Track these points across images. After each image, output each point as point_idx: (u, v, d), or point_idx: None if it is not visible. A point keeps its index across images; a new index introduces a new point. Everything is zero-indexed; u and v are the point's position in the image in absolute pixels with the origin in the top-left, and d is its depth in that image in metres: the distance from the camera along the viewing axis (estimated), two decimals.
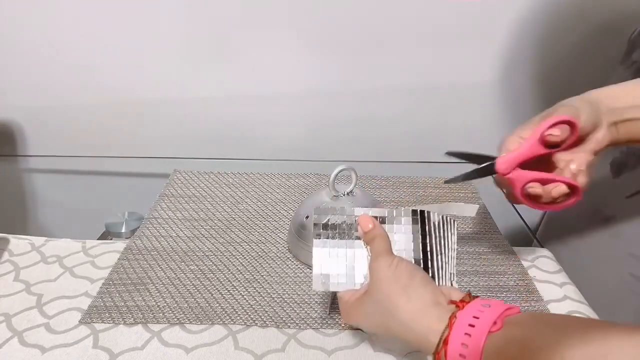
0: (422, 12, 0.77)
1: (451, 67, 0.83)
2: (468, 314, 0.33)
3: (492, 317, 0.32)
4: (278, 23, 0.78)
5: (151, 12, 0.77)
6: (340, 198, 0.56)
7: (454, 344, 0.32)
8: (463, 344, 0.32)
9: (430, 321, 0.35)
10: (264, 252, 0.60)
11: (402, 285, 0.38)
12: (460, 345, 0.32)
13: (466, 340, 0.32)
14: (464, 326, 0.33)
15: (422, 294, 0.37)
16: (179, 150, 0.90)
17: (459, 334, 0.32)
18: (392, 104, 0.86)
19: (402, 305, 0.37)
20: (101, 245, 0.61)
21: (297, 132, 0.88)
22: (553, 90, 0.84)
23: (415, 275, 0.39)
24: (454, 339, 0.33)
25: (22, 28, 0.78)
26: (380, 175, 0.79)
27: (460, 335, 0.32)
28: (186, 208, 0.69)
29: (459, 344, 0.32)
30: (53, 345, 0.46)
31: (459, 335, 0.32)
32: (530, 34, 0.81)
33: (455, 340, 0.32)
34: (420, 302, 0.37)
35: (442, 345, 0.33)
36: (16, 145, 0.91)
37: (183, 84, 0.84)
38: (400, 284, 0.38)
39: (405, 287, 0.38)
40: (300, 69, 0.82)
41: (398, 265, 0.40)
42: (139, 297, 0.52)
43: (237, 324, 0.49)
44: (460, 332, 0.32)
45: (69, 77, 0.83)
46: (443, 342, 0.33)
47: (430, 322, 0.35)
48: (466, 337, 0.32)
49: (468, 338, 0.32)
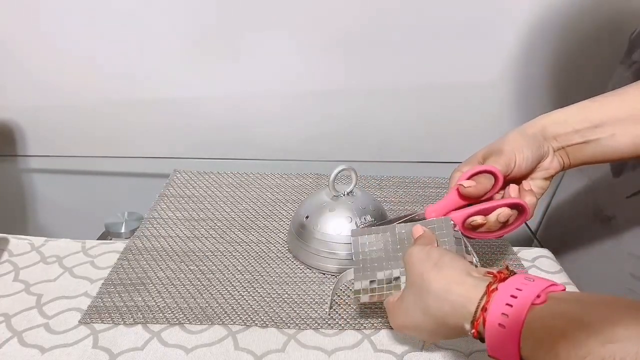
0: (422, 12, 0.77)
1: (451, 67, 0.83)
2: (510, 285, 0.32)
3: (536, 290, 0.31)
4: (278, 23, 0.78)
5: (151, 12, 0.76)
6: (340, 198, 0.56)
7: (493, 313, 0.31)
8: (503, 313, 0.31)
9: (466, 289, 0.34)
10: (263, 252, 0.60)
11: (434, 262, 0.38)
12: (500, 315, 0.31)
13: (507, 310, 0.31)
14: (506, 296, 0.31)
15: (455, 265, 0.37)
16: (178, 150, 0.89)
17: (500, 304, 0.31)
18: (392, 104, 0.86)
19: (434, 277, 0.36)
20: (101, 246, 0.61)
21: (297, 132, 0.88)
22: (553, 90, 0.84)
23: (446, 254, 0.39)
24: (494, 307, 0.31)
25: (22, 28, 0.78)
26: (380, 175, 0.79)
27: (501, 305, 0.31)
28: (186, 208, 0.69)
29: (499, 314, 0.31)
30: (53, 345, 0.46)
31: (499, 305, 0.31)
32: (530, 34, 0.81)
33: (496, 309, 0.31)
34: (453, 272, 0.36)
35: (480, 313, 0.32)
36: (16, 145, 0.91)
37: (183, 84, 0.84)
38: (432, 262, 0.38)
39: (437, 262, 0.37)
40: (300, 69, 0.82)
41: (431, 248, 0.40)
42: (138, 297, 0.52)
43: (236, 324, 0.49)
44: (501, 302, 0.31)
45: (69, 77, 0.83)
46: (482, 310, 0.32)
47: (466, 291, 0.34)
48: (507, 308, 0.31)
49: (509, 308, 0.31)
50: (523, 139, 0.46)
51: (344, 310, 0.51)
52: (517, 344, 0.30)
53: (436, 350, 0.46)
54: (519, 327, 0.30)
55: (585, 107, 0.48)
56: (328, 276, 0.56)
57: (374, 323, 0.49)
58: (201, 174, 0.78)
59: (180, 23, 0.78)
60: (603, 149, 0.47)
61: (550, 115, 0.48)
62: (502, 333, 0.30)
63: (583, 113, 0.47)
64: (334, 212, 0.55)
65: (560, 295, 0.31)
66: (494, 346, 0.31)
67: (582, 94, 0.50)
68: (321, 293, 0.53)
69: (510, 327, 0.30)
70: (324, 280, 0.56)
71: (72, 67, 0.82)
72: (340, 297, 0.53)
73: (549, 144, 0.47)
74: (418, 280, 0.38)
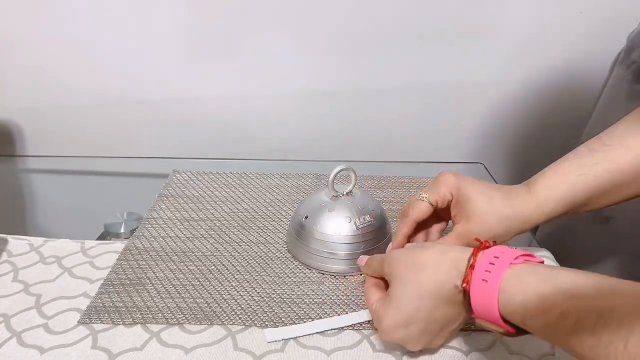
0: (422, 12, 0.77)
1: (451, 67, 0.83)
2: (494, 250, 0.37)
3: (515, 254, 0.36)
4: (278, 23, 0.78)
5: (151, 12, 0.76)
6: (339, 198, 0.56)
7: (478, 270, 0.36)
8: (487, 270, 0.35)
9: (456, 254, 0.39)
10: (263, 252, 0.60)
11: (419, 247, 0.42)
12: (484, 272, 0.35)
13: (490, 267, 0.35)
14: (490, 257, 0.36)
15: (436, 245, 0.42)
16: (178, 150, 0.90)
17: (484, 263, 0.36)
18: (392, 104, 0.86)
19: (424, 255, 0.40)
20: (100, 246, 0.61)
21: (296, 132, 0.88)
22: (553, 90, 0.84)
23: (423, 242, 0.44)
24: (479, 265, 0.36)
25: (22, 28, 0.78)
26: (380, 175, 0.79)
27: (485, 264, 0.36)
28: (185, 208, 0.69)
29: (483, 271, 0.35)
30: (52, 345, 0.46)
31: (484, 264, 0.36)
32: (530, 34, 0.81)
33: (480, 267, 0.36)
34: (441, 246, 0.41)
35: (469, 270, 0.36)
36: (15, 145, 0.91)
37: (182, 84, 0.84)
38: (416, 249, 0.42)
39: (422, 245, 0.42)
40: (300, 69, 0.82)
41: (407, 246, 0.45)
42: (137, 297, 0.52)
43: (236, 324, 0.49)
44: (486, 261, 0.36)
45: (69, 77, 0.83)
46: (470, 267, 0.37)
47: (457, 254, 0.39)
48: (490, 266, 0.35)
49: (492, 266, 0.35)
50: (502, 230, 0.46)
51: (343, 310, 0.51)
52: (497, 297, 0.34)
53: (436, 350, 0.46)
54: (499, 280, 0.34)
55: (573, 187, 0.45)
56: (328, 276, 0.56)
57: (374, 323, 0.49)
58: (200, 174, 0.78)
59: (180, 23, 0.78)
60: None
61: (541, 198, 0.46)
62: (484, 287, 0.35)
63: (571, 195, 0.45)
64: (333, 212, 0.55)
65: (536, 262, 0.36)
66: (477, 301, 0.36)
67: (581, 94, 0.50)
68: (321, 293, 0.53)
69: (492, 282, 0.34)
70: (324, 280, 0.55)
71: (72, 67, 0.82)
72: (340, 297, 0.53)
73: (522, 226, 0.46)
74: (407, 268, 0.41)
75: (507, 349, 0.46)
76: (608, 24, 0.79)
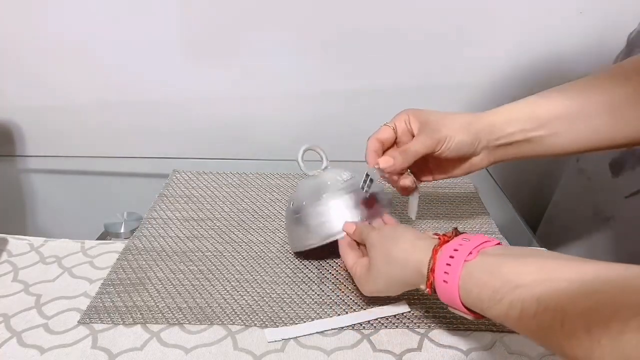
0: (422, 12, 0.77)
1: (449, 68, 0.83)
2: (450, 247, 0.39)
3: (469, 249, 0.38)
4: (278, 23, 0.78)
5: (151, 12, 0.76)
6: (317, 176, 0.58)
7: (438, 273, 0.39)
8: (445, 272, 0.38)
9: (418, 256, 0.41)
10: (263, 252, 0.60)
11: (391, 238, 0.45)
12: (443, 274, 0.38)
13: (447, 269, 0.38)
14: (446, 257, 0.39)
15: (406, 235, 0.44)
16: (178, 150, 0.89)
17: (442, 264, 0.39)
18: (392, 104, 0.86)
19: (394, 252, 0.43)
20: (100, 246, 0.61)
21: (296, 132, 0.88)
22: None
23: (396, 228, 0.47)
24: (438, 268, 0.39)
25: (22, 28, 0.78)
26: None
27: (443, 265, 0.39)
28: (185, 208, 0.69)
29: (442, 272, 0.38)
30: (52, 345, 0.46)
31: (442, 265, 0.39)
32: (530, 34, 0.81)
33: (439, 270, 0.39)
34: (405, 244, 0.43)
35: (430, 274, 0.40)
36: (15, 145, 0.91)
37: (182, 84, 0.84)
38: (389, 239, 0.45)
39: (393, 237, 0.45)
40: (299, 69, 0.82)
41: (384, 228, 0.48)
42: (137, 297, 0.52)
43: (236, 324, 0.49)
44: (443, 262, 0.39)
45: (69, 77, 0.83)
46: (430, 271, 0.40)
47: (418, 257, 0.41)
48: (447, 267, 0.38)
49: (449, 267, 0.38)
50: (466, 135, 0.49)
51: (343, 310, 0.51)
52: (458, 295, 0.37)
53: (436, 350, 0.46)
54: (456, 281, 0.37)
55: (534, 103, 0.49)
56: (328, 276, 0.56)
57: (373, 323, 0.49)
58: (200, 174, 0.78)
59: (180, 23, 0.78)
60: (543, 148, 0.49)
61: (501, 113, 0.50)
62: (446, 287, 0.38)
63: (531, 109, 0.49)
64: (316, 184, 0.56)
65: (490, 251, 0.37)
66: (443, 297, 0.39)
67: None
68: (321, 293, 0.53)
69: (451, 282, 0.37)
70: (324, 280, 0.56)
71: (71, 67, 0.82)
72: (340, 297, 0.53)
73: (489, 143, 0.49)
74: (382, 257, 0.45)
75: (507, 349, 0.46)
76: (608, 24, 0.79)
